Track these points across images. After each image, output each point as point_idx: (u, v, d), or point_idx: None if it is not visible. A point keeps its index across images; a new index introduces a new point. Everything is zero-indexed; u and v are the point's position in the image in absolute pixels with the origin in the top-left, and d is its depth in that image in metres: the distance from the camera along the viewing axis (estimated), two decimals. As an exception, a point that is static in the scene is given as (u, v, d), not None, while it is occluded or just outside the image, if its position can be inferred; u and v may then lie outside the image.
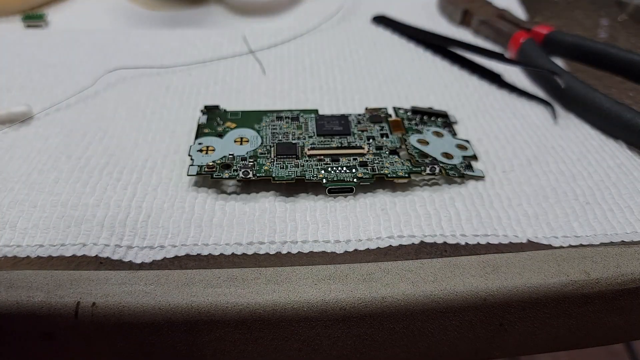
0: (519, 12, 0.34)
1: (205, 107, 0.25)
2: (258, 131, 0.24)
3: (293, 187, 0.22)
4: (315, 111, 0.25)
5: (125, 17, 0.35)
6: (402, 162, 0.22)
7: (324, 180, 0.21)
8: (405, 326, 0.18)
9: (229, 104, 0.27)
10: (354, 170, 0.22)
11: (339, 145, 0.23)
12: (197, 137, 0.23)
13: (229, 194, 0.21)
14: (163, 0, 0.36)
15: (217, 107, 0.25)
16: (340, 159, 0.22)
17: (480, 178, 0.22)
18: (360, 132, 0.24)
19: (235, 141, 0.23)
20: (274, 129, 0.24)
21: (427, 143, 0.23)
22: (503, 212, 0.21)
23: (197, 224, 0.20)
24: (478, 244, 0.20)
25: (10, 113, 0.24)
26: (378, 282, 0.18)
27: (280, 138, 0.23)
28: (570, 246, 0.20)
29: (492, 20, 0.32)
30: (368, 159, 0.22)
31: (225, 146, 0.23)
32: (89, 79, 0.28)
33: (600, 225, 0.20)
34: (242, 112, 0.25)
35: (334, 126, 0.24)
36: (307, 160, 0.22)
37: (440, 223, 0.20)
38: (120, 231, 0.19)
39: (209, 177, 0.21)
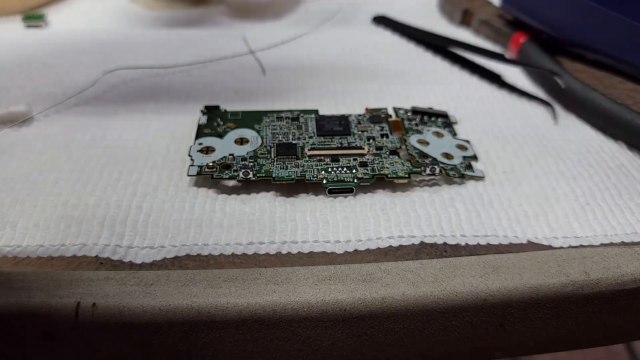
0: (519, 12, 0.34)
1: (206, 107, 0.25)
2: (258, 131, 0.24)
3: (293, 187, 0.22)
4: (316, 111, 0.25)
5: (125, 17, 0.35)
6: (402, 163, 0.22)
7: (324, 181, 0.21)
8: (405, 326, 0.18)
9: (229, 104, 0.26)
10: (354, 171, 0.22)
11: (339, 145, 0.23)
12: (197, 137, 0.23)
13: (229, 194, 0.21)
14: (163, 1, 0.36)
15: (217, 107, 0.25)
16: (341, 159, 0.22)
17: (480, 178, 0.22)
18: (360, 133, 0.24)
19: (235, 141, 0.23)
20: (274, 129, 0.24)
21: (427, 143, 0.23)
22: (503, 212, 0.21)
23: (197, 224, 0.20)
24: (478, 244, 0.20)
25: (10, 113, 0.24)
26: (378, 283, 0.18)
27: (280, 138, 0.23)
28: (571, 247, 0.20)
29: (492, 20, 0.32)
30: (368, 159, 0.22)
31: (225, 146, 0.23)
32: (89, 79, 0.28)
33: (601, 226, 0.20)
34: (242, 112, 0.25)
35: (334, 126, 0.24)
36: (307, 161, 0.22)
37: (440, 223, 0.20)
38: (121, 231, 0.19)
39: (209, 178, 0.21)
